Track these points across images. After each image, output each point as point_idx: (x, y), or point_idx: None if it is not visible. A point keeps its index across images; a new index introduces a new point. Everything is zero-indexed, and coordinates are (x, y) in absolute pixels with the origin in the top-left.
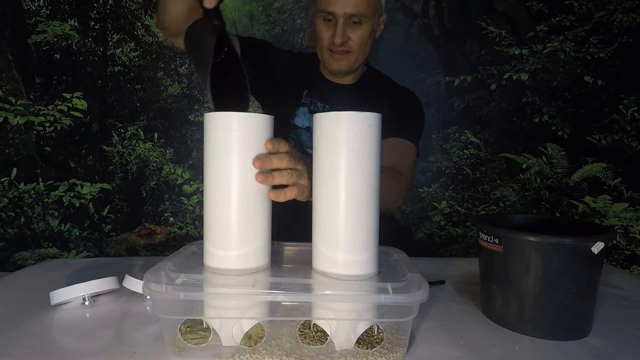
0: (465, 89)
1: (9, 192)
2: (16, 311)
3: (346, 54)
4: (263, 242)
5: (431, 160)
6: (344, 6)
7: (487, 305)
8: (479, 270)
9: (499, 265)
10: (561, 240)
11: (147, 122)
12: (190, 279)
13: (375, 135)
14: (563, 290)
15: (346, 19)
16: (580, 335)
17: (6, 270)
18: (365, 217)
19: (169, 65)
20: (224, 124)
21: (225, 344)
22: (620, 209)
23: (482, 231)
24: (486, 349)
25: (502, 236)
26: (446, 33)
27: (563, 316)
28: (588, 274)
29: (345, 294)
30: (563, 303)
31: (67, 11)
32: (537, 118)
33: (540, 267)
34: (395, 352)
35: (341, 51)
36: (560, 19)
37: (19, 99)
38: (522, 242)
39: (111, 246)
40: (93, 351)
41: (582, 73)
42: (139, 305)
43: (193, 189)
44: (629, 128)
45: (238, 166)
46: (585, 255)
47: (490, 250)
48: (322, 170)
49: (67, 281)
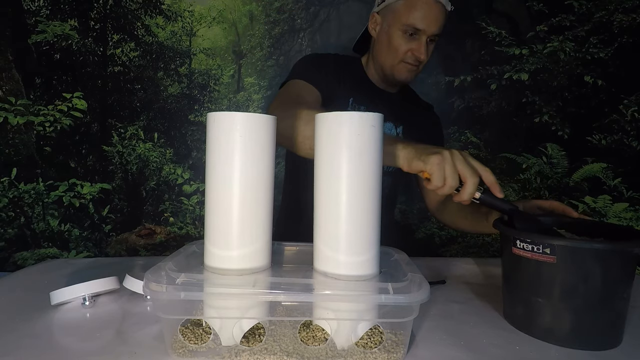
0: (465, 89)
1: (9, 192)
2: (16, 311)
3: (417, 67)
4: (264, 242)
5: None
6: (433, 26)
7: (527, 320)
8: (508, 282)
9: (550, 277)
10: (625, 247)
11: (147, 122)
12: (190, 278)
13: (377, 136)
14: (619, 298)
15: (429, 36)
16: (617, 343)
17: (6, 270)
18: (367, 217)
19: (169, 65)
20: (227, 123)
21: (226, 344)
22: (620, 209)
23: (523, 240)
24: (487, 349)
25: (557, 245)
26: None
27: (616, 324)
28: (631, 278)
29: (346, 294)
30: (617, 311)
31: (67, 11)
32: (537, 118)
33: (600, 276)
34: (396, 352)
35: (416, 64)
36: (560, 19)
37: (19, 99)
38: (582, 251)
39: (111, 246)
40: (93, 351)
41: (582, 73)
42: (140, 305)
43: (193, 189)
44: (629, 128)
45: (240, 166)
46: (637, 260)
47: (537, 262)
48: (324, 171)
49: (67, 281)
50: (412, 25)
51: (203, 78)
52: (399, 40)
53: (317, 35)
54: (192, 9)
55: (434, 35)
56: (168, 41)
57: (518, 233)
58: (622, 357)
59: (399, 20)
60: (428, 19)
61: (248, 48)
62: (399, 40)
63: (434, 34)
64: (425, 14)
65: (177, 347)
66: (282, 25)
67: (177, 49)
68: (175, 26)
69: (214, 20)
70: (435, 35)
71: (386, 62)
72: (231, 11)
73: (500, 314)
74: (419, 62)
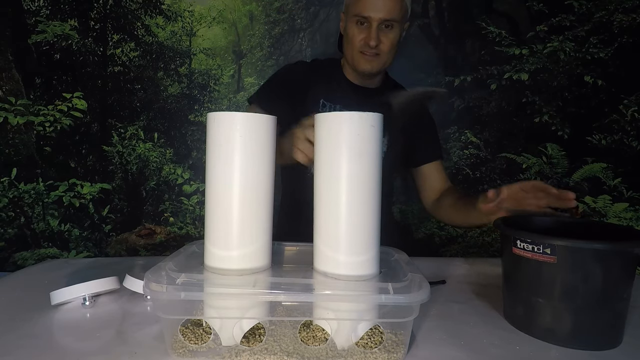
0: (465, 89)
1: (9, 192)
2: (16, 311)
3: (376, 56)
4: (264, 242)
5: None
6: (379, 11)
7: (527, 320)
8: (508, 282)
9: (550, 277)
10: (625, 247)
11: (147, 122)
12: (190, 279)
13: (377, 136)
14: (619, 298)
15: (379, 23)
16: (617, 343)
17: (6, 270)
18: (367, 217)
19: (169, 65)
20: (227, 123)
21: (226, 344)
22: (620, 209)
23: (524, 240)
24: (487, 349)
25: (557, 245)
26: (446, 33)
27: (616, 325)
28: (632, 278)
29: (346, 294)
30: (617, 311)
31: (67, 11)
32: (537, 118)
33: (600, 276)
34: (396, 352)
35: (372, 53)
36: (560, 19)
37: (19, 99)
38: (582, 251)
39: (111, 246)
40: (93, 351)
41: (582, 73)
42: (140, 305)
43: (193, 189)
44: (629, 128)
45: (240, 166)
46: (637, 260)
47: (537, 262)
48: (324, 171)
49: (68, 281)
50: (359, 13)
51: (203, 78)
52: (352, 31)
53: (317, 35)
54: (192, 9)
55: (387, 21)
56: (168, 41)
57: (518, 233)
58: (622, 357)
59: (351, 11)
60: (374, 5)
61: (248, 48)
62: (352, 31)
63: (384, 19)
64: (371, 1)
65: (177, 347)
66: (282, 25)
67: (177, 49)
68: (175, 26)
69: (214, 20)
70: (386, 20)
71: (348, 54)
72: (231, 11)
73: (500, 314)
74: (377, 51)
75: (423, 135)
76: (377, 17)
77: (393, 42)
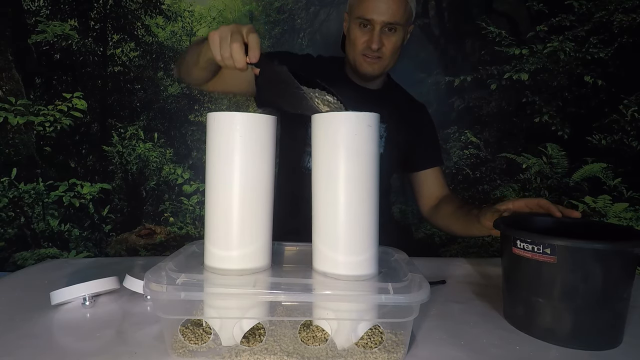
0: (465, 89)
1: (9, 192)
2: (16, 311)
3: (378, 59)
4: (264, 242)
5: None
6: (382, 14)
7: (527, 320)
8: (508, 282)
9: (550, 277)
10: (625, 247)
11: (147, 122)
12: (190, 279)
13: (374, 136)
14: (619, 298)
15: (382, 26)
16: (617, 343)
17: (6, 270)
18: (365, 217)
19: (169, 65)
20: (227, 123)
21: (226, 344)
22: (620, 209)
23: (524, 240)
24: (487, 349)
25: (557, 245)
26: (446, 33)
27: (616, 325)
28: (631, 278)
29: (346, 294)
30: (617, 311)
31: (67, 11)
32: (537, 118)
33: (600, 276)
34: (396, 352)
35: (374, 56)
36: (560, 19)
37: (19, 99)
38: (582, 251)
39: (111, 246)
40: (93, 351)
41: (582, 73)
42: (140, 305)
43: (193, 189)
44: (629, 128)
45: (240, 166)
46: (637, 260)
47: (537, 262)
48: (322, 171)
49: (68, 281)
50: (362, 16)
51: None
52: (355, 33)
53: (317, 35)
54: (192, 9)
55: (390, 24)
56: (168, 41)
57: (518, 233)
58: (622, 357)
59: (354, 13)
60: (377, 8)
61: None
62: (355, 33)
63: (387, 22)
64: (375, 3)
65: (177, 347)
66: (282, 25)
67: (177, 49)
68: (175, 26)
69: (214, 20)
70: (390, 23)
71: (350, 56)
72: (231, 11)
73: (500, 314)
74: (379, 54)
75: (422, 139)
76: (380, 20)
77: (396, 45)
